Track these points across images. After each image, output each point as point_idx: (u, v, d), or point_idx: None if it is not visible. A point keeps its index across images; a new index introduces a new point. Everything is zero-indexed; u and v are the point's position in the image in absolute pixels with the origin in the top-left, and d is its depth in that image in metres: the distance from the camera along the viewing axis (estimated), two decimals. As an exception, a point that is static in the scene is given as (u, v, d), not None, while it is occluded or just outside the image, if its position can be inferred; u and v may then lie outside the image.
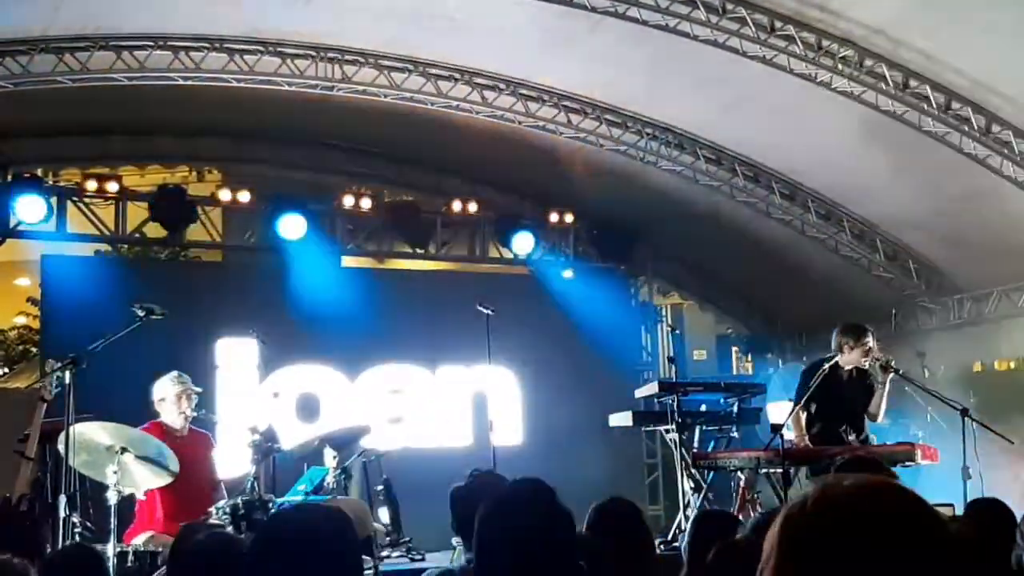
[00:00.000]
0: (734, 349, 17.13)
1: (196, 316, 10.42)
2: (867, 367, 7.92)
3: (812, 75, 10.00)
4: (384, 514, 9.46)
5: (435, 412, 12.09)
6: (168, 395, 7.25)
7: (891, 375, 7.84)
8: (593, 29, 9.89)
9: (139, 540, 6.52)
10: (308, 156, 12.78)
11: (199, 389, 7.53)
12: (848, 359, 7.87)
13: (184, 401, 7.26)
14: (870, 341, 7.87)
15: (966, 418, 7.29)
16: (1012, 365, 12.71)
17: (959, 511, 5.65)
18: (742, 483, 8.96)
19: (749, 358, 16.62)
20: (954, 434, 7.53)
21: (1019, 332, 12.26)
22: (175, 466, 6.52)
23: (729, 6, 9.50)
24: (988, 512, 4.47)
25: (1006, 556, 4.05)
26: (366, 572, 5.67)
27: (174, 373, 7.41)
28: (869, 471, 5.11)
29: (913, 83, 10.04)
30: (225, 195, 11.82)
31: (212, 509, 6.63)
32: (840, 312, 10.88)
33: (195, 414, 7.34)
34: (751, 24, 9.58)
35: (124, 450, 6.21)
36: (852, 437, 7.74)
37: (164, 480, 6.55)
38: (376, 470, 9.43)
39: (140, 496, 6.76)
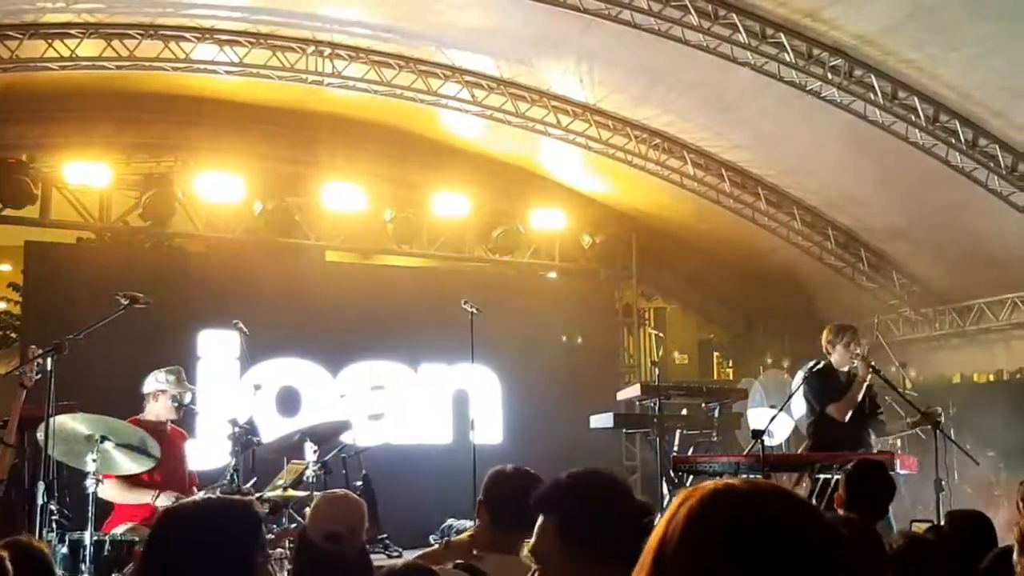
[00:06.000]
0: (715, 354, 17.17)
1: (179, 306, 10.36)
2: (855, 365, 7.79)
3: (802, 83, 10.03)
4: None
5: (416, 409, 12.08)
6: (167, 390, 7.13)
7: (871, 374, 7.74)
8: (584, 31, 9.90)
9: (119, 530, 6.48)
10: (296, 148, 12.72)
11: (193, 388, 7.47)
12: (837, 360, 7.82)
13: (173, 403, 7.13)
14: (850, 338, 7.78)
15: (938, 430, 7.30)
16: (991, 377, 12.79)
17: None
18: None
19: (730, 364, 16.65)
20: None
21: (999, 345, 12.34)
22: (157, 451, 6.48)
23: (721, 12, 9.52)
24: (967, 523, 4.45)
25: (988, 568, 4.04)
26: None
27: (178, 369, 7.29)
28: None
29: (902, 94, 10.08)
30: (211, 186, 11.77)
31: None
32: (822, 321, 10.87)
33: (176, 417, 7.22)
34: (742, 31, 9.59)
35: (104, 439, 6.18)
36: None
37: (146, 466, 6.50)
38: (355, 466, 9.40)
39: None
